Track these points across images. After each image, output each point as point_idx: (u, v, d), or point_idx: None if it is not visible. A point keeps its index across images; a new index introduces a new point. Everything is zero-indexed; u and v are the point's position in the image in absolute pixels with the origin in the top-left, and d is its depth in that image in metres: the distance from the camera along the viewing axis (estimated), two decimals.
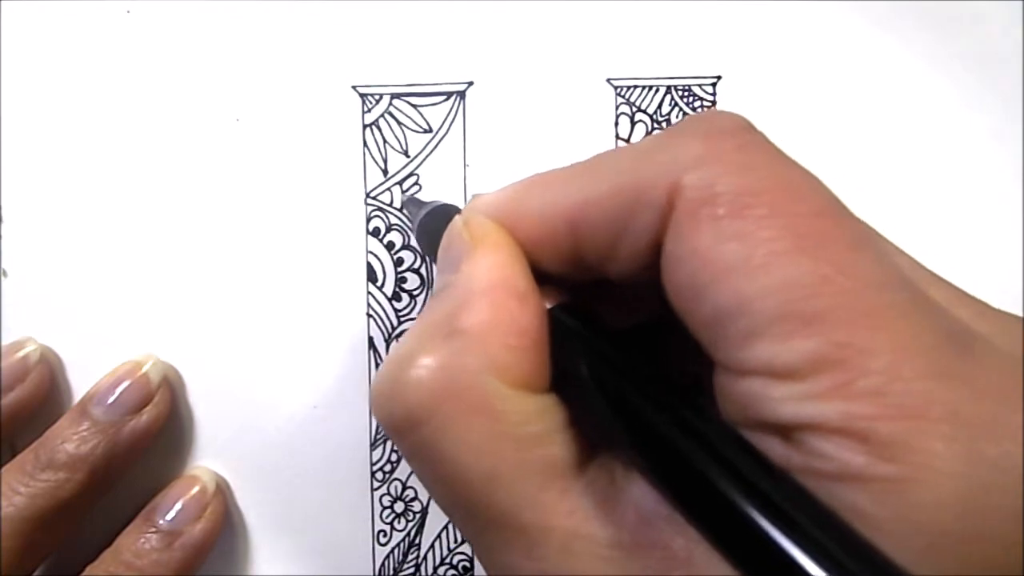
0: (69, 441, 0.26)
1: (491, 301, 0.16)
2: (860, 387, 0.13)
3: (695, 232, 0.14)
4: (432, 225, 0.24)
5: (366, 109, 0.29)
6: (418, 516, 0.30)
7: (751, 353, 0.14)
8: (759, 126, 0.16)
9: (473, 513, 0.16)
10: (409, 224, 0.29)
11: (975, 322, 0.14)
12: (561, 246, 0.17)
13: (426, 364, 0.16)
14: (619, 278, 0.17)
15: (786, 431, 0.13)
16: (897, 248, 0.17)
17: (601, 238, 0.16)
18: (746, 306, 0.14)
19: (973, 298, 0.16)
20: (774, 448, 0.13)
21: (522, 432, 0.15)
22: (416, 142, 0.29)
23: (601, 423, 0.15)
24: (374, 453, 0.30)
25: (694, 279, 0.14)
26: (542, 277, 0.17)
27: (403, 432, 0.16)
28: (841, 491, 0.12)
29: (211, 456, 0.29)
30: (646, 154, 0.16)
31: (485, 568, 0.16)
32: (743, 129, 0.16)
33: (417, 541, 0.30)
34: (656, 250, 0.15)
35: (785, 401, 0.13)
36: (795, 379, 0.13)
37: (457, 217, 0.18)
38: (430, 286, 0.29)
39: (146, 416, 0.27)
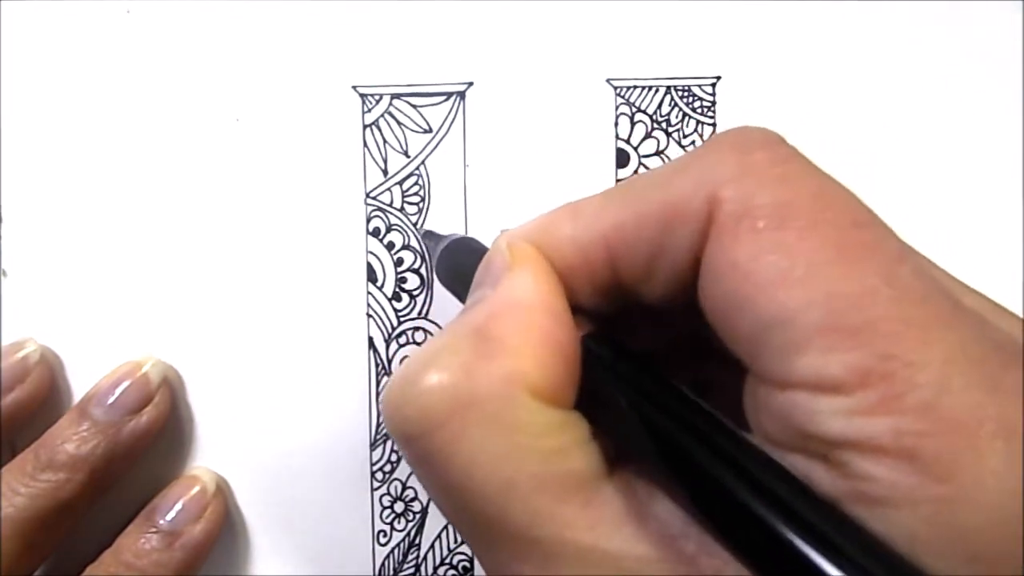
0: (69, 441, 0.26)
1: (528, 314, 0.16)
2: (908, 401, 0.12)
3: (735, 245, 0.14)
4: (452, 258, 0.24)
5: (366, 109, 0.29)
6: (418, 516, 0.30)
7: (794, 366, 0.13)
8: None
9: (484, 525, 0.15)
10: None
11: (1014, 332, 0.14)
12: (597, 271, 0.17)
13: (449, 366, 0.15)
14: (652, 300, 0.17)
15: (830, 447, 0.13)
16: (929, 260, 0.16)
17: (639, 258, 0.16)
18: (789, 318, 0.13)
19: (1005, 308, 0.15)
20: (816, 473, 0.13)
21: (544, 444, 0.15)
22: (416, 142, 0.29)
23: (637, 449, 0.15)
24: (374, 453, 0.30)
25: (735, 292, 0.14)
26: (572, 308, 0.17)
27: (414, 436, 0.15)
28: (890, 515, 0.12)
29: (211, 456, 0.29)
30: (681, 170, 0.16)
31: None
32: (777, 143, 0.16)
33: (417, 541, 0.30)
34: (694, 266, 0.15)
35: (831, 416, 0.13)
36: (841, 393, 0.13)
37: (500, 238, 0.18)
38: (430, 286, 0.29)
39: (146, 416, 0.27)
